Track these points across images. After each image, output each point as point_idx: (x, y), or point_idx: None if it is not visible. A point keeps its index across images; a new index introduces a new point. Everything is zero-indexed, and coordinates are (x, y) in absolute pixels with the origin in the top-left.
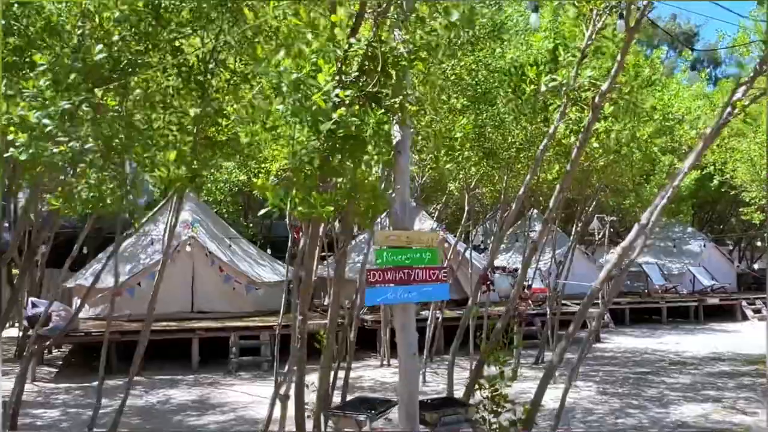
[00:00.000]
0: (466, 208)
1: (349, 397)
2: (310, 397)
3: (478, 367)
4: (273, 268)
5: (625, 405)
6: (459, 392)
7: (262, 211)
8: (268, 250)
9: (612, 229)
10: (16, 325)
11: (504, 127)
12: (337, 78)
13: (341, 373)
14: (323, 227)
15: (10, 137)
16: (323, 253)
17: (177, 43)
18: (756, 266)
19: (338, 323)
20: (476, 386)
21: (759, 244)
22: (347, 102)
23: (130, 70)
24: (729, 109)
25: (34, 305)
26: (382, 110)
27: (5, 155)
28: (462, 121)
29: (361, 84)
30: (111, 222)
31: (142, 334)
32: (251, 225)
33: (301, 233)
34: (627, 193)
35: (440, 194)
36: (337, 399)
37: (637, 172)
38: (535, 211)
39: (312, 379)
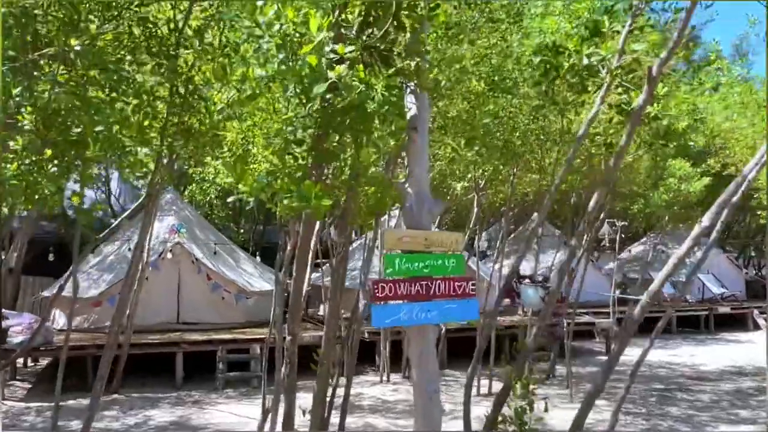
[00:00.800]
0: (475, 211)
1: (348, 419)
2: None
3: (501, 396)
4: (264, 276)
5: (651, 428)
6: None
7: (231, 198)
8: (258, 257)
9: (623, 235)
10: None
11: (520, 118)
12: (334, 29)
13: (339, 390)
14: (317, 229)
15: None
16: (317, 260)
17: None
18: (765, 273)
19: (337, 337)
20: (498, 420)
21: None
22: (347, 60)
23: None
24: None
25: (4, 317)
26: (393, 72)
27: None
28: (489, 105)
29: (365, 37)
30: (95, 227)
31: (105, 349)
32: (242, 231)
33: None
34: (635, 198)
35: (442, 196)
36: (335, 420)
37: (649, 175)
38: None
39: (306, 398)
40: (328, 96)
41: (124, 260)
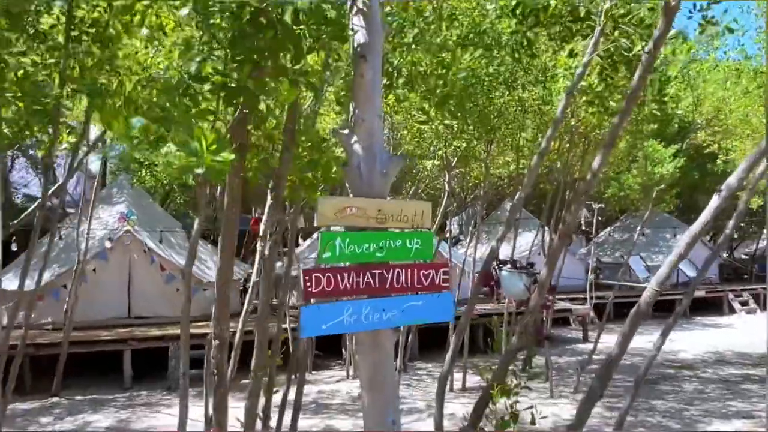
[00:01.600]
0: (446, 191)
1: (311, 421)
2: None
3: (480, 404)
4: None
5: (640, 423)
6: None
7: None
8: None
9: (600, 218)
10: None
11: (497, 87)
12: None
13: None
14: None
15: None
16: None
17: None
18: (737, 255)
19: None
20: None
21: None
22: None
23: None
24: None
25: None
26: None
27: None
28: (465, 56)
29: None
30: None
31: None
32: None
33: (260, 224)
34: (608, 181)
35: (409, 176)
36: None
37: (625, 156)
38: (508, 201)
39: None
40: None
41: (73, 249)
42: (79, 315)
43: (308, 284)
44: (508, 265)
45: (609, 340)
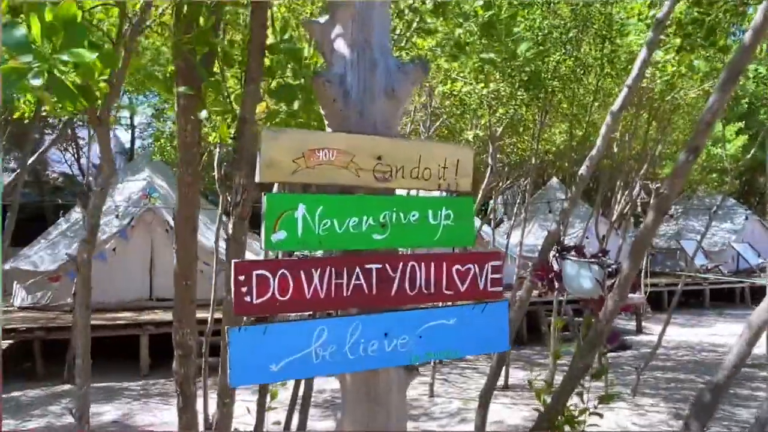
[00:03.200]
0: (489, 167)
1: (319, 423)
2: None
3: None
4: (252, 247)
5: None
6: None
7: None
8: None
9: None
10: None
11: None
12: None
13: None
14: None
15: None
16: None
17: None
18: None
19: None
20: None
21: None
22: None
23: None
24: None
25: None
26: None
27: None
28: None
29: None
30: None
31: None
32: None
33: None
34: (662, 161)
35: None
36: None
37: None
38: (555, 180)
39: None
40: None
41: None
42: (98, 296)
43: (243, 288)
44: (573, 253)
45: (670, 333)
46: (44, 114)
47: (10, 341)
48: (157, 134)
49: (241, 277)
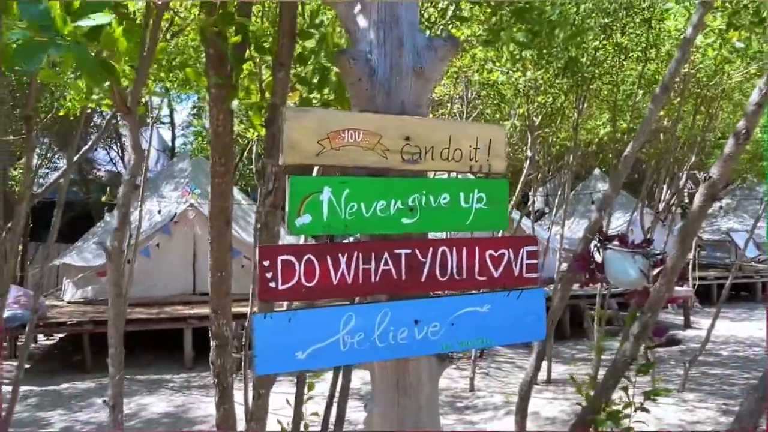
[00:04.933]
0: (528, 156)
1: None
2: None
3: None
4: (291, 240)
5: None
6: None
7: None
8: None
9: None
10: None
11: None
12: None
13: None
14: None
15: None
16: None
17: None
18: None
19: None
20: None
21: None
22: None
23: None
24: None
25: None
26: None
27: None
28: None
29: None
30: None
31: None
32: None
33: None
34: (710, 149)
35: None
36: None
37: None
38: (598, 170)
39: None
40: None
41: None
42: (143, 291)
43: (268, 273)
44: (616, 242)
45: (719, 327)
46: (89, 111)
47: (61, 335)
48: (196, 132)
49: (266, 263)
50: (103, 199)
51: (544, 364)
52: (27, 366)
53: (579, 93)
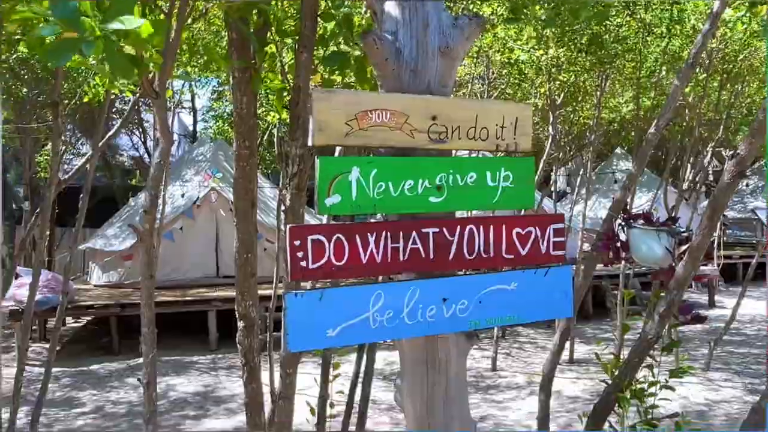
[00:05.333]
0: (549, 137)
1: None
2: None
3: (601, 409)
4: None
5: None
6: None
7: None
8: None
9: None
10: None
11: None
12: None
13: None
14: None
15: None
16: None
17: None
18: None
19: None
20: None
21: None
22: None
23: None
24: None
25: (17, 275)
26: None
27: None
28: None
29: None
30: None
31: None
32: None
33: None
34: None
35: None
36: None
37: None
38: (620, 149)
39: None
40: None
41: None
42: (167, 275)
43: (299, 253)
44: (641, 221)
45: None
46: (113, 97)
47: (88, 318)
48: (217, 116)
49: (297, 242)
50: (133, 181)
51: (567, 343)
52: (58, 348)
53: (602, 71)
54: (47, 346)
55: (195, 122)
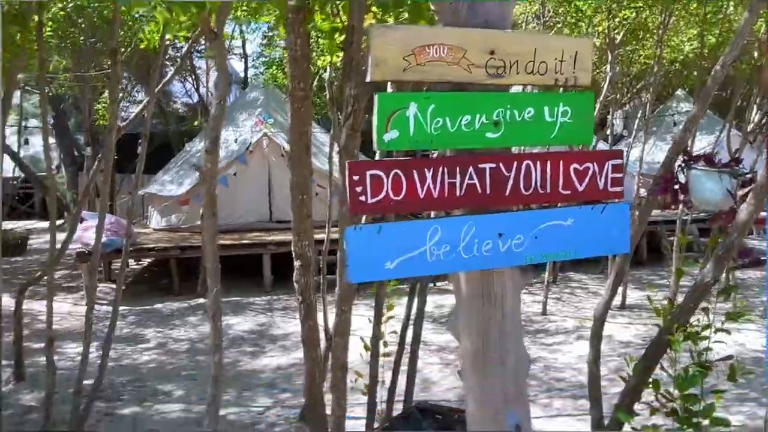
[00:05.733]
0: (608, 76)
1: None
2: None
3: (652, 353)
4: None
5: None
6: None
7: None
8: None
9: None
10: None
11: None
12: None
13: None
14: None
15: None
16: None
17: None
18: None
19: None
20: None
21: None
22: None
23: None
24: None
25: (82, 219)
26: None
27: None
28: None
29: None
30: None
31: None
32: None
33: None
34: None
35: None
36: None
37: None
38: (681, 91)
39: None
40: None
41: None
42: (222, 219)
43: (358, 188)
44: (702, 163)
45: None
46: (167, 43)
47: (149, 260)
48: (268, 62)
49: (356, 177)
50: (195, 123)
51: (620, 288)
52: (123, 288)
53: (665, 6)
54: (112, 286)
55: (246, 68)
